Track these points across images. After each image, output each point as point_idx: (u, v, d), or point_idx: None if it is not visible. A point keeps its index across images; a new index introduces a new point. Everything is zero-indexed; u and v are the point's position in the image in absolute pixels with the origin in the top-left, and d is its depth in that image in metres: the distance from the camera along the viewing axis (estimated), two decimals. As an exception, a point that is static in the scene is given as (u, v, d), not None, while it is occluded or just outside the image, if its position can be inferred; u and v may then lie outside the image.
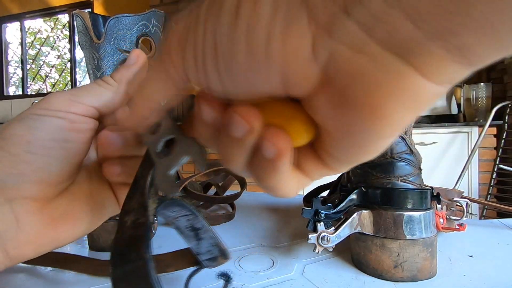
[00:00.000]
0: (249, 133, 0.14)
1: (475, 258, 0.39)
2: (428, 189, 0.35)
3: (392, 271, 0.33)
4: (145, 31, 0.46)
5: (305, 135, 0.15)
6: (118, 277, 0.16)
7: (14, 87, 3.81)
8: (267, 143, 0.14)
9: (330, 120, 0.13)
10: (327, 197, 0.52)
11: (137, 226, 0.18)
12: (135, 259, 0.16)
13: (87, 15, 0.44)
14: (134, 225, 0.18)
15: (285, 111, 0.15)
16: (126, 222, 0.18)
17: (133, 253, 0.17)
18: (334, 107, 0.12)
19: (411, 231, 0.33)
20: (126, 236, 0.18)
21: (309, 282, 0.34)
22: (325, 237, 0.33)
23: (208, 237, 0.23)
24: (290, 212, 0.61)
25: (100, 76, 0.45)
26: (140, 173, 0.20)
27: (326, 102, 0.12)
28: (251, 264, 0.39)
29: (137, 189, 0.19)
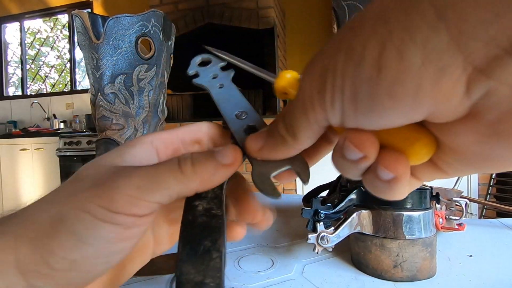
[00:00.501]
0: (363, 160, 0.14)
1: (475, 257, 0.39)
2: (428, 189, 0.35)
3: (392, 271, 0.33)
4: (144, 31, 0.46)
5: (425, 156, 0.15)
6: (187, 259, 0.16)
7: (13, 88, 3.81)
8: (383, 168, 0.14)
9: (469, 145, 0.13)
10: (326, 197, 0.52)
11: (212, 216, 0.17)
12: (211, 249, 0.16)
13: (86, 15, 0.44)
14: (208, 213, 0.17)
15: (404, 132, 0.14)
16: (196, 206, 0.18)
17: (207, 242, 0.16)
18: (480, 136, 0.12)
19: (411, 231, 0.33)
20: (199, 222, 0.17)
21: (308, 282, 0.34)
22: (324, 237, 0.33)
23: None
24: (289, 212, 0.61)
25: (99, 76, 0.45)
26: None
27: (470, 131, 0.12)
28: (250, 264, 0.39)
29: None
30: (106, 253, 0.17)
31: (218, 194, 0.18)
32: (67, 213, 0.16)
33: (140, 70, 0.47)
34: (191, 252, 0.16)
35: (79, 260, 0.16)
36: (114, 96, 0.46)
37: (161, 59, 0.50)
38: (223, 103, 0.22)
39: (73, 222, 0.16)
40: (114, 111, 0.46)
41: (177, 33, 2.46)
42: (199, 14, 2.66)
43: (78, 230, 0.16)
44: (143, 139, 0.21)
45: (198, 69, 0.24)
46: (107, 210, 0.16)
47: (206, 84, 0.23)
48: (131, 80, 0.47)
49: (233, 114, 0.21)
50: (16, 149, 2.98)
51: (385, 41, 0.12)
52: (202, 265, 0.16)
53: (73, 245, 0.16)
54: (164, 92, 0.54)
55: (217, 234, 0.17)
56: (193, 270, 0.16)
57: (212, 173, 0.18)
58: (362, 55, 0.12)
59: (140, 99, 0.48)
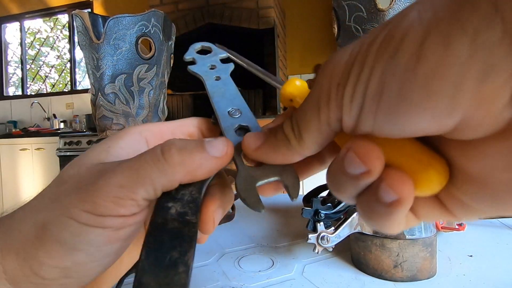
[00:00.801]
0: (366, 175, 0.13)
1: (475, 257, 0.39)
2: (428, 189, 0.35)
3: (392, 271, 0.33)
4: (144, 31, 0.46)
5: (437, 186, 0.13)
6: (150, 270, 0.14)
7: (13, 88, 3.81)
8: (387, 188, 0.12)
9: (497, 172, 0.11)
10: (326, 197, 0.52)
11: (185, 223, 0.15)
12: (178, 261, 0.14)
13: (87, 15, 0.44)
14: (181, 219, 0.15)
15: (417, 153, 0.13)
16: (169, 207, 0.16)
17: (175, 252, 0.14)
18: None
19: (411, 231, 0.33)
20: (170, 228, 0.15)
21: (308, 282, 0.34)
22: (324, 237, 0.33)
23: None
24: (290, 212, 0.61)
25: (99, 76, 0.45)
26: None
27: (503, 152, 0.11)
28: (251, 264, 0.39)
29: (195, 182, 0.17)
30: (100, 256, 0.16)
31: (195, 198, 0.16)
32: (52, 220, 0.16)
33: (141, 70, 0.47)
34: (155, 262, 0.14)
35: (72, 267, 0.16)
36: (115, 96, 0.46)
37: (161, 59, 0.50)
38: (217, 97, 0.20)
39: (58, 230, 0.15)
40: (115, 111, 0.46)
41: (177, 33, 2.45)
42: (199, 14, 2.66)
43: (64, 238, 0.15)
44: (131, 130, 0.20)
45: (196, 56, 0.23)
46: (92, 214, 0.15)
47: (201, 74, 0.22)
48: (132, 80, 0.47)
49: (226, 110, 0.19)
50: (16, 149, 2.98)
51: (430, 28, 0.10)
52: (165, 278, 0.14)
53: (63, 253, 0.15)
54: (164, 92, 0.54)
55: (187, 245, 0.15)
56: (154, 283, 0.14)
57: (198, 164, 0.16)
58: (401, 42, 0.11)
59: (141, 99, 0.48)
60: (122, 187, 0.16)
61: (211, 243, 0.46)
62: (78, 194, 0.16)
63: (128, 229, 0.16)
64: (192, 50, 0.23)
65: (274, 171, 0.17)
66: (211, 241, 0.47)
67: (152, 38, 0.48)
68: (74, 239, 0.15)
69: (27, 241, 0.15)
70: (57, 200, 0.16)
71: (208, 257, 0.41)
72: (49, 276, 0.15)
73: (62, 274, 0.16)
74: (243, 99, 0.20)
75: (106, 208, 0.15)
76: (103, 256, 0.16)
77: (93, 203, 0.15)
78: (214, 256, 0.41)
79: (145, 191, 0.16)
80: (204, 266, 0.38)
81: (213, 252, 0.42)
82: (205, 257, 0.41)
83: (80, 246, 0.15)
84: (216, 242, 0.46)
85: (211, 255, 0.41)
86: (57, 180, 0.18)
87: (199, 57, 0.23)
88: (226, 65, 0.22)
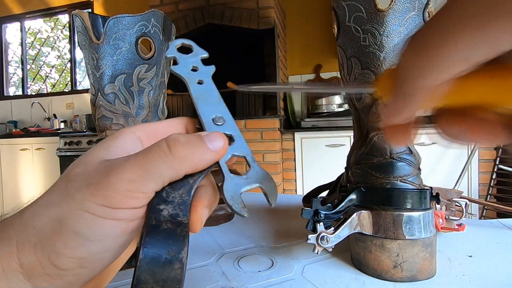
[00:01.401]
0: None
1: (474, 258, 0.39)
2: (428, 189, 0.35)
3: (392, 271, 0.33)
4: (144, 31, 0.46)
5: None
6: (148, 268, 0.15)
7: (14, 88, 3.81)
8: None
9: None
10: (326, 197, 0.52)
11: (178, 224, 0.17)
12: (173, 259, 0.15)
13: (87, 15, 0.44)
14: (173, 220, 0.17)
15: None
16: (161, 210, 0.17)
17: (171, 251, 0.16)
18: None
19: (411, 231, 0.33)
20: (164, 229, 0.16)
21: (308, 283, 0.34)
22: (324, 237, 0.33)
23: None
24: (289, 212, 0.61)
25: (99, 76, 0.45)
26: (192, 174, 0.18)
27: None
28: (250, 264, 0.39)
29: (183, 185, 0.18)
30: (114, 246, 0.17)
31: (185, 200, 0.17)
32: (67, 214, 0.16)
33: (140, 70, 0.47)
34: (152, 260, 0.15)
35: (88, 257, 0.16)
36: (114, 96, 0.46)
37: (161, 59, 0.51)
38: (201, 103, 0.21)
39: (74, 223, 0.16)
40: (114, 111, 0.46)
41: (178, 33, 2.44)
42: (199, 14, 2.66)
43: (80, 229, 0.16)
44: (126, 130, 0.21)
45: (177, 55, 0.23)
46: (106, 206, 0.16)
47: (185, 76, 0.22)
48: (131, 80, 0.47)
49: (210, 117, 0.20)
50: (17, 149, 2.98)
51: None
52: (162, 275, 0.15)
53: (79, 244, 0.16)
54: (164, 92, 0.54)
55: (181, 244, 0.16)
56: (152, 280, 0.15)
57: (200, 158, 0.18)
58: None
59: (140, 99, 0.48)
60: (133, 182, 0.17)
61: (211, 244, 0.46)
62: (90, 189, 0.17)
63: (140, 220, 0.18)
64: (173, 48, 0.23)
65: (256, 179, 0.18)
66: (211, 241, 0.47)
67: (152, 38, 0.48)
68: (90, 231, 0.16)
69: (44, 235, 0.16)
70: (68, 196, 0.17)
71: (208, 257, 0.41)
72: (65, 266, 0.16)
73: (77, 265, 0.16)
74: (225, 105, 0.21)
75: (119, 201, 0.16)
76: (117, 247, 0.17)
77: (106, 197, 0.16)
78: (213, 256, 0.41)
79: (154, 184, 0.17)
80: (204, 267, 0.38)
81: (213, 252, 0.42)
82: (205, 258, 0.41)
83: (96, 237, 0.16)
84: (216, 242, 0.46)
85: (211, 255, 0.41)
86: (64, 178, 0.18)
87: (180, 56, 0.23)
88: (207, 68, 0.23)
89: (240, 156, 0.19)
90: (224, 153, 0.19)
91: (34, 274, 0.16)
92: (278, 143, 2.37)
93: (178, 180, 0.18)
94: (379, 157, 0.36)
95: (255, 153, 2.35)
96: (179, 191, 0.18)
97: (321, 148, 2.34)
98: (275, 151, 2.35)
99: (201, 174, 0.18)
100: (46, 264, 0.16)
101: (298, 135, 2.39)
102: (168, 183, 0.18)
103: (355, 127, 0.42)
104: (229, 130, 0.20)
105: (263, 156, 2.36)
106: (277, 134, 2.36)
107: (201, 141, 0.18)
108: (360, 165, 0.38)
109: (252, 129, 2.37)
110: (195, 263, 0.39)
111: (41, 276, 0.16)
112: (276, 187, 0.18)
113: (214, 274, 0.36)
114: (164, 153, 0.17)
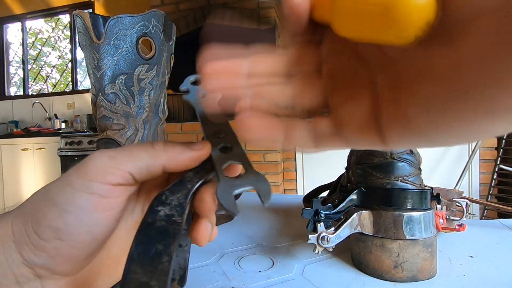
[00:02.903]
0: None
1: (475, 258, 0.39)
2: (428, 189, 0.35)
3: (392, 271, 0.33)
4: (145, 31, 0.46)
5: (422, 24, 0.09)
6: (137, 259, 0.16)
7: (15, 87, 3.82)
8: None
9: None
10: (327, 197, 0.52)
11: (171, 222, 0.18)
12: (162, 253, 0.16)
13: (87, 15, 0.44)
14: (168, 219, 0.18)
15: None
16: (158, 211, 0.18)
17: (160, 245, 0.17)
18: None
19: (411, 232, 0.33)
20: (157, 225, 0.18)
21: (309, 283, 0.34)
22: (325, 237, 0.33)
23: (182, 257, 0.24)
24: (290, 212, 0.61)
25: (100, 76, 0.45)
26: (191, 177, 0.20)
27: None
28: (251, 264, 0.39)
29: (182, 189, 0.19)
30: (87, 221, 0.18)
31: (181, 203, 0.19)
32: (53, 188, 0.19)
33: (141, 70, 0.47)
34: (143, 252, 0.16)
35: (63, 228, 0.18)
36: (115, 96, 0.46)
37: (161, 59, 0.51)
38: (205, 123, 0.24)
39: (55, 194, 0.18)
40: (115, 111, 0.46)
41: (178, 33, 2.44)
42: (200, 14, 2.66)
43: (59, 201, 0.18)
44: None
45: (190, 87, 0.26)
46: (83, 179, 0.18)
47: (193, 102, 0.26)
48: (132, 80, 0.47)
49: (211, 132, 0.23)
50: (18, 149, 2.99)
51: None
52: (150, 266, 0.16)
53: (56, 214, 0.18)
54: (164, 92, 0.54)
55: (171, 240, 0.17)
56: (140, 270, 0.16)
57: (179, 152, 0.20)
58: None
59: (141, 99, 0.48)
60: (112, 158, 0.19)
61: (211, 243, 0.46)
62: (77, 166, 0.19)
63: (113, 200, 0.19)
64: (187, 82, 0.27)
65: (250, 182, 0.19)
66: (211, 241, 0.47)
67: (152, 38, 0.48)
68: (66, 202, 0.18)
69: (32, 207, 0.18)
70: (63, 175, 0.19)
71: (208, 257, 0.41)
72: (44, 236, 0.18)
73: (54, 235, 0.18)
74: (228, 122, 0.23)
75: (95, 174, 0.18)
76: (90, 223, 0.18)
77: (85, 169, 0.18)
78: (214, 256, 0.41)
79: (132, 166, 0.19)
80: (204, 266, 0.38)
81: (213, 252, 0.42)
82: (205, 257, 0.41)
83: (71, 208, 0.18)
84: (216, 242, 0.46)
85: (211, 255, 0.41)
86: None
87: (192, 88, 0.27)
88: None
89: (237, 162, 0.20)
90: (205, 154, 0.21)
91: (21, 243, 0.18)
92: (278, 143, 2.36)
93: (177, 185, 0.19)
94: (380, 157, 0.36)
95: (256, 153, 2.35)
96: (177, 195, 0.19)
97: (321, 148, 2.33)
98: (275, 151, 2.35)
99: (199, 180, 0.20)
100: (29, 232, 0.18)
101: (298, 135, 2.39)
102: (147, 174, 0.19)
103: (355, 127, 0.42)
104: (228, 142, 0.22)
105: (264, 156, 2.36)
106: (278, 134, 2.35)
107: (185, 143, 0.21)
108: (360, 165, 0.38)
109: (253, 129, 2.37)
110: (195, 263, 0.39)
111: (27, 246, 0.18)
112: (271, 189, 0.19)
113: (214, 274, 0.37)
114: (146, 145, 0.20)
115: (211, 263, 0.39)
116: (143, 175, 0.20)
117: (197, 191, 0.20)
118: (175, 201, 0.19)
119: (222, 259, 0.40)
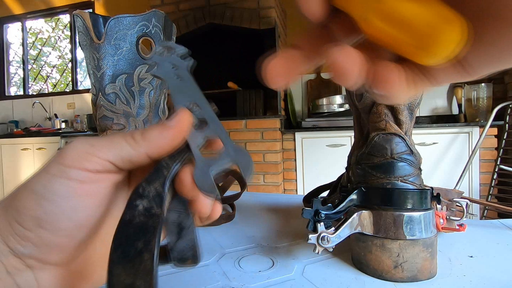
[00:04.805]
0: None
1: (475, 258, 0.39)
2: (428, 189, 0.35)
3: (392, 272, 0.33)
4: (145, 31, 0.47)
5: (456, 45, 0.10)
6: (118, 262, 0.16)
7: (15, 87, 3.82)
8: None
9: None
10: (327, 197, 0.52)
11: (150, 215, 0.17)
12: (142, 250, 0.16)
13: (88, 15, 0.44)
14: (146, 213, 0.17)
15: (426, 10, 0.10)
16: (137, 206, 0.17)
17: (140, 243, 0.16)
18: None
19: (411, 232, 0.33)
20: (136, 222, 0.17)
21: (309, 283, 0.34)
22: (325, 237, 0.33)
23: (189, 238, 0.23)
24: (290, 212, 0.61)
25: (100, 76, 0.45)
26: (166, 162, 0.19)
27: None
28: (251, 264, 0.39)
29: (158, 177, 0.18)
30: (66, 208, 0.18)
31: (159, 192, 0.18)
32: (34, 176, 0.18)
33: (141, 70, 0.47)
34: (123, 254, 0.16)
35: (43, 217, 0.17)
36: (115, 96, 0.46)
37: (162, 59, 0.51)
38: (177, 95, 0.22)
39: (34, 182, 0.18)
40: (115, 111, 0.46)
41: (178, 33, 2.44)
42: (200, 14, 2.66)
43: (37, 188, 0.18)
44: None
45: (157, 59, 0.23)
46: (61, 165, 0.18)
47: (163, 76, 0.23)
48: (132, 80, 0.47)
49: (184, 106, 0.21)
50: (18, 149, 2.99)
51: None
52: (132, 268, 0.16)
53: (35, 202, 0.17)
54: (165, 92, 0.54)
55: (151, 235, 0.16)
56: (123, 273, 0.15)
57: (157, 136, 0.19)
58: None
59: (141, 99, 0.48)
60: (92, 146, 0.19)
61: (211, 243, 0.46)
62: (56, 153, 0.19)
63: (92, 187, 0.19)
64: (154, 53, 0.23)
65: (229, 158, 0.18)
66: (211, 241, 0.47)
67: (153, 38, 0.48)
68: (44, 189, 0.18)
69: (13, 198, 0.18)
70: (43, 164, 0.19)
71: (208, 257, 0.41)
72: (27, 225, 0.17)
73: (36, 223, 0.17)
74: (201, 93, 0.21)
75: (73, 159, 0.18)
76: (69, 209, 0.18)
77: (65, 155, 0.18)
78: (214, 256, 0.41)
79: (111, 155, 0.19)
80: (204, 267, 0.38)
81: (213, 252, 0.42)
82: (205, 257, 0.41)
83: (48, 195, 0.18)
84: (216, 242, 0.46)
85: (211, 255, 0.41)
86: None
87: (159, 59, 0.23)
88: (186, 62, 0.23)
89: (214, 137, 0.19)
90: (184, 129, 0.19)
91: (6, 234, 0.17)
92: (278, 143, 2.37)
93: (153, 174, 0.19)
94: (380, 157, 0.36)
95: (256, 153, 2.35)
96: (154, 185, 0.18)
97: (321, 148, 2.34)
98: (275, 151, 2.35)
99: (175, 164, 0.19)
100: (12, 222, 0.17)
101: (298, 135, 2.39)
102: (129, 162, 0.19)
103: (355, 127, 0.42)
104: (202, 115, 0.20)
105: (264, 156, 2.36)
106: (278, 134, 2.36)
107: (161, 123, 0.20)
108: (360, 165, 0.38)
109: (253, 129, 2.37)
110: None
111: (12, 236, 0.17)
112: (252, 161, 0.18)
113: (214, 274, 0.36)
114: (126, 135, 0.20)
115: (211, 263, 0.39)
116: (125, 164, 0.19)
117: (177, 174, 0.19)
118: (152, 192, 0.18)
119: (222, 259, 0.40)
